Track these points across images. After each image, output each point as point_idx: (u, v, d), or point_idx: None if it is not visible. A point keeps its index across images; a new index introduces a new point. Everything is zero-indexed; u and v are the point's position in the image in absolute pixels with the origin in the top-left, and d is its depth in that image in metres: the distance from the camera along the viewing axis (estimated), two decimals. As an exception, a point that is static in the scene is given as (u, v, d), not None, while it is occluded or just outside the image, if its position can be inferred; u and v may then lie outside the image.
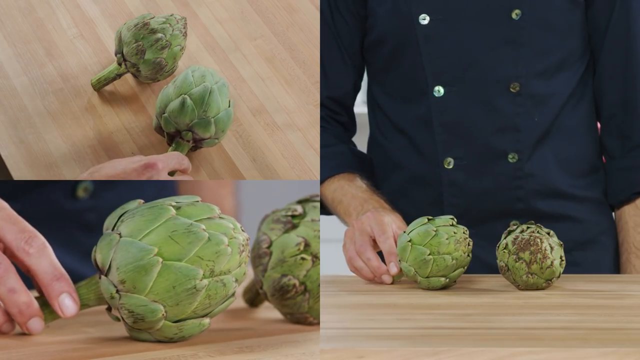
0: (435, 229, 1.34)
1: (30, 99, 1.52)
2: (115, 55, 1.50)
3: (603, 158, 1.63)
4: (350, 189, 1.57)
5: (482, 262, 1.52)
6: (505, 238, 1.35)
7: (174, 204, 1.08)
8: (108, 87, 1.54)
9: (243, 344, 1.08)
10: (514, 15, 1.54)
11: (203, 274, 1.04)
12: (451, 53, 1.55)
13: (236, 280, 1.07)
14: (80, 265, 1.49)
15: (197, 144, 1.41)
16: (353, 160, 1.64)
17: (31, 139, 1.47)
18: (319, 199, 1.22)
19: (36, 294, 1.11)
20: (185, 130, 1.39)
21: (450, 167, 1.56)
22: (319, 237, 1.16)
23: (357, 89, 1.68)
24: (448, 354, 0.95)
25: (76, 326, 1.16)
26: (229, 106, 1.41)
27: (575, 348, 0.96)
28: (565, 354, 0.95)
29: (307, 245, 1.15)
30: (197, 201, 1.10)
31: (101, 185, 1.54)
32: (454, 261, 1.32)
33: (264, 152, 1.49)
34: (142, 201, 1.10)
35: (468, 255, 1.34)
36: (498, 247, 1.35)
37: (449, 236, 1.33)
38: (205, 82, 1.39)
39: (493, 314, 1.17)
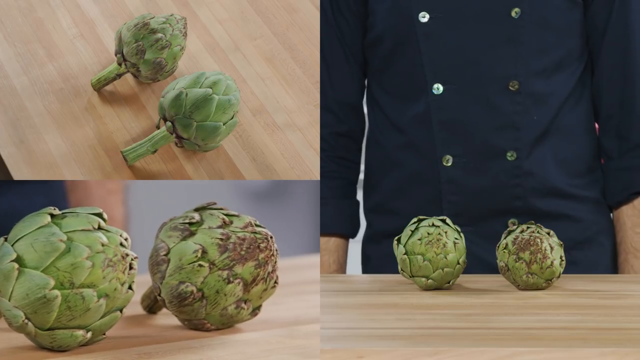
0: (414, 228, 1.34)
1: (30, 99, 1.52)
2: (115, 55, 1.50)
3: (601, 159, 1.63)
4: None
5: (481, 260, 1.52)
6: (505, 238, 1.35)
7: (56, 212, 1.08)
8: (108, 87, 1.54)
9: (141, 351, 1.07)
10: (513, 14, 1.54)
11: (55, 285, 1.03)
12: (451, 51, 1.56)
13: (106, 296, 1.05)
14: None
15: (178, 139, 1.41)
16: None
17: (31, 139, 1.47)
18: (215, 206, 1.21)
19: None
20: (168, 120, 1.40)
21: (449, 164, 1.57)
22: (216, 244, 1.15)
23: (363, 87, 1.68)
24: (448, 354, 0.95)
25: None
26: (223, 122, 1.41)
27: (575, 348, 0.96)
28: (565, 354, 0.95)
29: (204, 252, 1.14)
30: (99, 213, 1.09)
31: None
32: (427, 262, 1.31)
33: (264, 152, 1.49)
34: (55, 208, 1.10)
35: (445, 257, 1.31)
36: (498, 247, 1.35)
37: (422, 237, 1.32)
38: (212, 89, 1.39)
39: (493, 314, 1.17)
